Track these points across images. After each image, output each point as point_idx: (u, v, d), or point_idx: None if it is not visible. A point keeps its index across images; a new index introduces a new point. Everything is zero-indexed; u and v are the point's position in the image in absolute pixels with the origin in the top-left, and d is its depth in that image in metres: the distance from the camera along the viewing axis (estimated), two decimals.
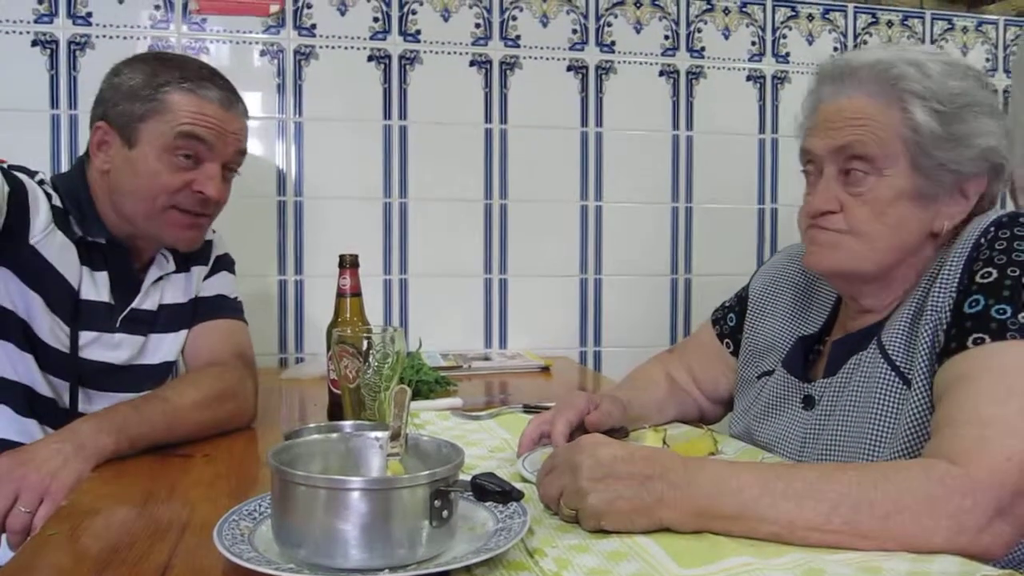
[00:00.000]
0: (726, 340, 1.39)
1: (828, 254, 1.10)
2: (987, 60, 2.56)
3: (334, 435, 0.92)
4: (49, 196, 1.34)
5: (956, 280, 0.98)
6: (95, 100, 1.42)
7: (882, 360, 1.05)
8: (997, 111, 1.07)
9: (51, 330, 1.33)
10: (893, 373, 1.03)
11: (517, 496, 0.79)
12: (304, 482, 0.75)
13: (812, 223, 1.11)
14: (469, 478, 0.79)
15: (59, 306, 1.34)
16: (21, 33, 1.99)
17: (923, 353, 1.00)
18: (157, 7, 2.05)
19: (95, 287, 1.39)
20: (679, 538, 0.82)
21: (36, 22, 1.99)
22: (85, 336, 1.38)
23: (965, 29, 2.54)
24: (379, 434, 0.89)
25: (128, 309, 1.43)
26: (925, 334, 1.00)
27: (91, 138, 1.40)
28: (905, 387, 1.02)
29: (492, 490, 0.78)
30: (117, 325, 1.42)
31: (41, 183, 1.34)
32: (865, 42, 2.47)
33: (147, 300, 1.46)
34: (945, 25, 2.52)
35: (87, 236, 1.38)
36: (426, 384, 1.66)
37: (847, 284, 1.15)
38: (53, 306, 1.33)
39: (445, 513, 0.76)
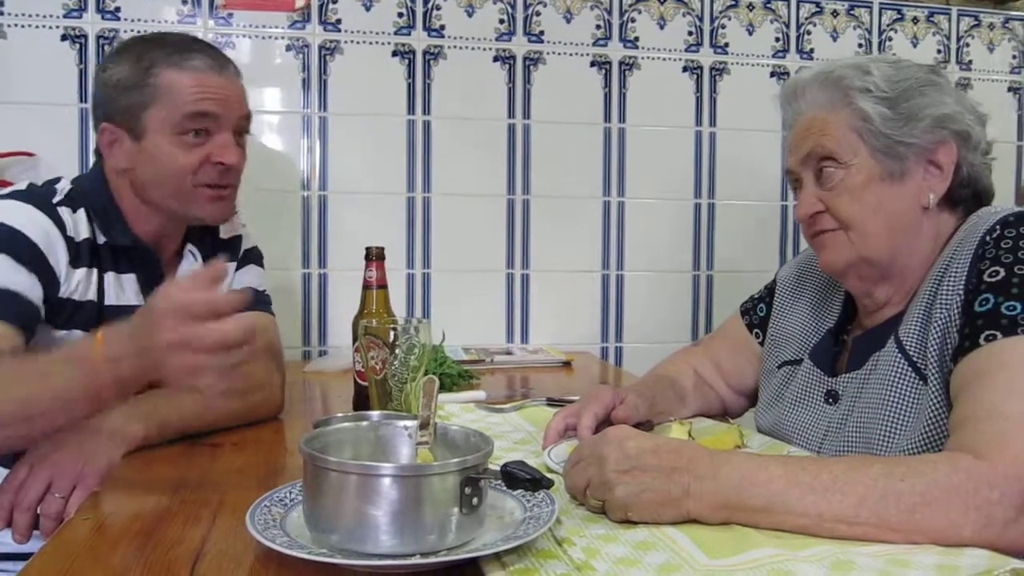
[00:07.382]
0: (755, 331, 1.40)
1: (833, 251, 1.15)
2: (1013, 57, 2.53)
3: (364, 424, 0.93)
4: (63, 226, 1.29)
5: (964, 279, 1.01)
6: (93, 103, 1.40)
7: (900, 356, 1.07)
8: (948, 88, 1.14)
9: None
10: (910, 369, 1.05)
11: (547, 484, 0.79)
12: (336, 468, 0.76)
13: (811, 231, 1.18)
14: (498, 467, 0.80)
15: (90, 326, 1.31)
16: (51, 28, 2.01)
17: (935, 350, 1.01)
18: (184, 2, 2.07)
19: (122, 291, 1.37)
20: (707, 529, 0.83)
21: (65, 16, 2.02)
22: None
23: (992, 26, 2.51)
24: (408, 423, 0.90)
25: None
26: (936, 331, 1.02)
27: (99, 140, 1.38)
28: (922, 383, 1.03)
29: (522, 477, 0.78)
30: None
31: (59, 204, 1.30)
32: (890, 39, 2.45)
33: None
34: (972, 21, 2.50)
35: (111, 241, 1.36)
36: (449, 377, 1.67)
37: (859, 281, 1.17)
38: (87, 328, 1.30)
39: (475, 500, 0.76)
